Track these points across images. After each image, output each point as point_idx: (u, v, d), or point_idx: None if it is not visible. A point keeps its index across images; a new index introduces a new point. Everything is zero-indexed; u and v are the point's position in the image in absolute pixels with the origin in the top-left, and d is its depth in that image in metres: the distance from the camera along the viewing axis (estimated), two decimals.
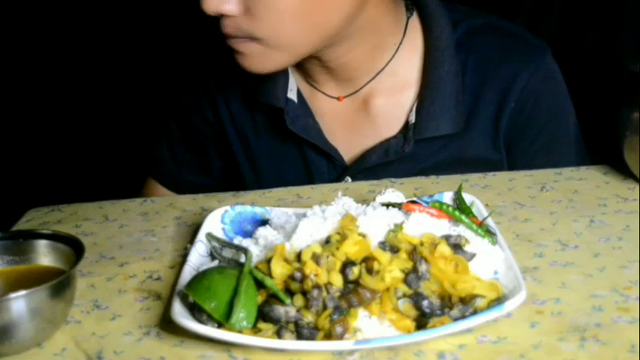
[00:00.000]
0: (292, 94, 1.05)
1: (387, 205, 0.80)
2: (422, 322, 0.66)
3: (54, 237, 0.76)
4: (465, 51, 1.03)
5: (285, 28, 0.91)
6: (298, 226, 0.74)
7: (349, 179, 1.06)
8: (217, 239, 0.80)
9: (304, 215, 0.77)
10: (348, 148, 1.07)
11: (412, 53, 1.04)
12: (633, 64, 0.97)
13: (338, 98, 1.06)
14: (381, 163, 1.04)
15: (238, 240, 0.80)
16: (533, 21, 1.89)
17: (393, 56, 1.04)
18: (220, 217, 0.85)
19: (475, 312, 0.67)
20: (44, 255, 0.76)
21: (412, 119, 1.02)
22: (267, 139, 1.11)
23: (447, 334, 0.65)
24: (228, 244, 0.78)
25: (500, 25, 1.08)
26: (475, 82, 1.03)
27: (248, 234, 0.81)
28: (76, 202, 1.02)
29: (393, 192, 0.84)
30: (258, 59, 0.94)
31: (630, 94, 0.95)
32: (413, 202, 0.80)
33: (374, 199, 0.83)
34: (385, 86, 1.05)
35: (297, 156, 1.09)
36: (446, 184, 0.98)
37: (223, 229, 0.84)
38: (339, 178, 1.07)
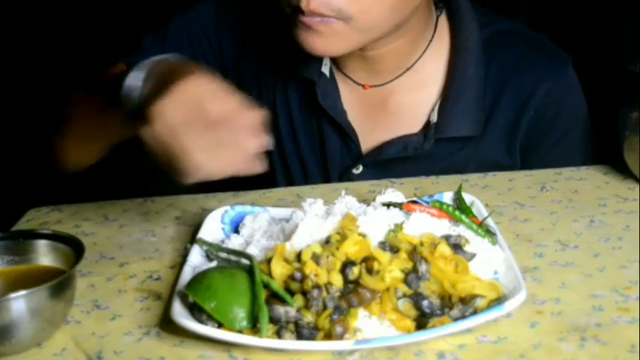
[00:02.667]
0: (326, 69, 1.05)
1: (388, 205, 0.80)
2: (422, 322, 0.66)
3: (54, 237, 0.76)
4: (488, 54, 1.04)
5: (377, 8, 0.89)
6: (298, 226, 0.74)
7: (361, 167, 1.06)
8: (209, 244, 0.80)
9: (303, 209, 0.78)
10: (366, 139, 1.07)
11: (439, 52, 1.05)
12: (633, 64, 0.97)
13: (364, 86, 1.06)
14: (397, 158, 1.04)
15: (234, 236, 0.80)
16: (534, 20, 1.89)
17: (423, 53, 1.04)
18: (220, 217, 0.85)
19: (475, 312, 0.67)
20: (44, 255, 0.76)
21: (434, 118, 1.03)
22: (292, 110, 1.10)
23: (447, 334, 0.65)
24: (221, 249, 0.78)
25: (525, 33, 1.08)
26: (496, 86, 1.04)
27: None
28: (76, 202, 1.02)
29: (393, 192, 0.84)
30: (335, 40, 0.91)
31: (630, 94, 0.95)
32: (413, 202, 0.80)
33: (374, 199, 0.83)
34: (409, 82, 1.05)
35: (315, 133, 1.09)
36: (446, 184, 0.98)
37: (223, 229, 0.85)
38: (351, 166, 1.07)
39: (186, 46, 1.10)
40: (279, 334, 0.65)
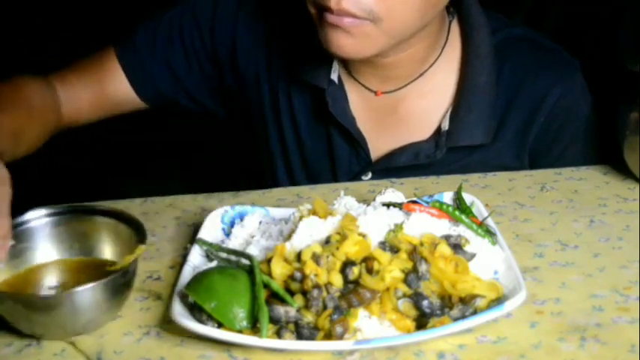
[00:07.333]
0: (335, 76, 1.04)
1: (388, 205, 0.80)
2: (422, 322, 0.66)
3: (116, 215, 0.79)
4: (500, 60, 1.03)
5: (406, 10, 0.88)
6: (298, 226, 0.74)
7: (370, 174, 1.05)
8: (209, 244, 0.80)
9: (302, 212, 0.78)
10: (375, 145, 1.06)
11: (450, 58, 1.04)
12: (633, 64, 0.97)
13: (375, 92, 1.05)
14: (408, 166, 1.03)
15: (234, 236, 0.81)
16: (533, 20, 1.89)
17: (437, 59, 1.03)
18: (220, 217, 0.85)
19: (475, 312, 0.67)
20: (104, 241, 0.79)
21: (445, 126, 1.02)
22: (297, 116, 1.09)
23: (447, 334, 0.65)
24: (221, 249, 0.78)
25: (536, 39, 1.07)
26: (508, 91, 1.03)
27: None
28: (76, 202, 1.01)
29: (393, 192, 0.84)
30: (363, 42, 0.90)
31: (630, 94, 0.95)
32: (413, 202, 0.80)
33: (374, 199, 0.83)
34: (420, 88, 1.04)
35: (323, 140, 1.08)
36: (446, 184, 0.98)
37: (223, 229, 0.85)
38: (360, 173, 1.06)
39: (177, 39, 1.10)
40: (279, 334, 0.65)
